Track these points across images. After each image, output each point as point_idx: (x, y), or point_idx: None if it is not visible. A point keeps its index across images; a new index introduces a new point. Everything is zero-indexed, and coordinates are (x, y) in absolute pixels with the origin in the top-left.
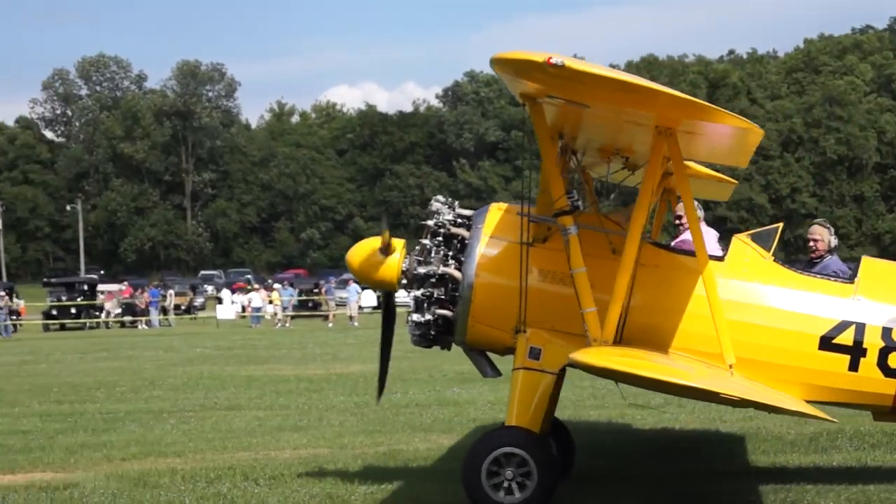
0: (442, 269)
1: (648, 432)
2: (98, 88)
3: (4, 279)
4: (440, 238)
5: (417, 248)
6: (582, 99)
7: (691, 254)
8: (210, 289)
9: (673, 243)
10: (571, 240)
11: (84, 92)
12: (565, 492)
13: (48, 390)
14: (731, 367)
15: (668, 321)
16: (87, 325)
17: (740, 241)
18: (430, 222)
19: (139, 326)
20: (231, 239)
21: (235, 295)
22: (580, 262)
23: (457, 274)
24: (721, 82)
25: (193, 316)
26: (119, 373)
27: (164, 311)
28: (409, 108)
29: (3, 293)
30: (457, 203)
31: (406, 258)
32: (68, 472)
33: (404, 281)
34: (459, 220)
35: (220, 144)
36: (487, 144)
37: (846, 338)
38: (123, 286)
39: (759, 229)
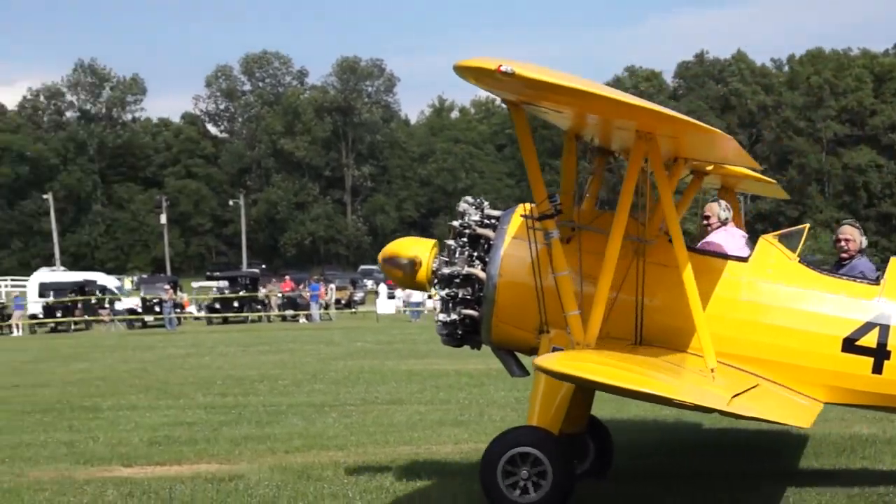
0: (467, 269)
1: (698, 431)
2: (260, 84)
3: (169, 273)
4: (465, 239)
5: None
6: (538, 103)
7: (715, 255)
8: (370, 283)
9: (699, 245)
10: (554, 243)
11: (247, 88)
12: (602, 491)
13: (212, 383)
14: (712, 370)
15: (688, 322)
16: (249, 318)
17: (766, 242)
18: (456, 223)
19: (300, 320)
20: (390, 234)
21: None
22: (563, 266)
23: (481, 274)
24: (887, 76)
25: (353, 310)
26: (281, 366)
27: (325, 305)
28: None
29: (168, 287)
30: (486, 204)
31: (435, 259)
32: (233, 463)
33: (435, 281)
34: (486, 221)
35: (379, 140)
36: None
37: (870, 340)
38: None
39: (786, 230)
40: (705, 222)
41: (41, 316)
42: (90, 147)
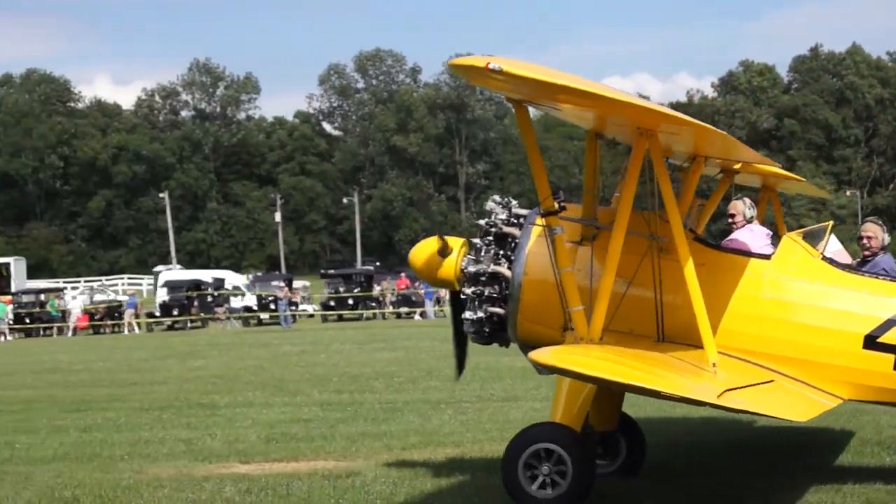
0: (492, 267)
1: (736, 429)
2: (374, 82)
3: (283, 271)
4: (491, 237)
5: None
6: (531, 99)
7: (738, 253)
8: None
9: (723, 242)
10: (557, 240)
11: (360, 85)
12: (631, 489)
13: (328, 380)
14: (714, 365)
15: (713, 319)
16: (364, 315)
17: (790, 240)
18: (482, 222)
19: (415, 317)
20: None
21: None
22: (566, 262)
23: (507, 272)
24: None
25: None
26: (396, 363)
27: (439, 301)
28: (682, 99)
29: (282, 284)
30: (514, 203)
31: (464, 257)
32: (349, 460)
33: (462, 279)
34: (513, 220)
35: (493, 136)
36: (760, 133)
37: (891, 337)
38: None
39: (810, 227)
40: (731, 220)
41: (158, 314)
42: (205, 146)
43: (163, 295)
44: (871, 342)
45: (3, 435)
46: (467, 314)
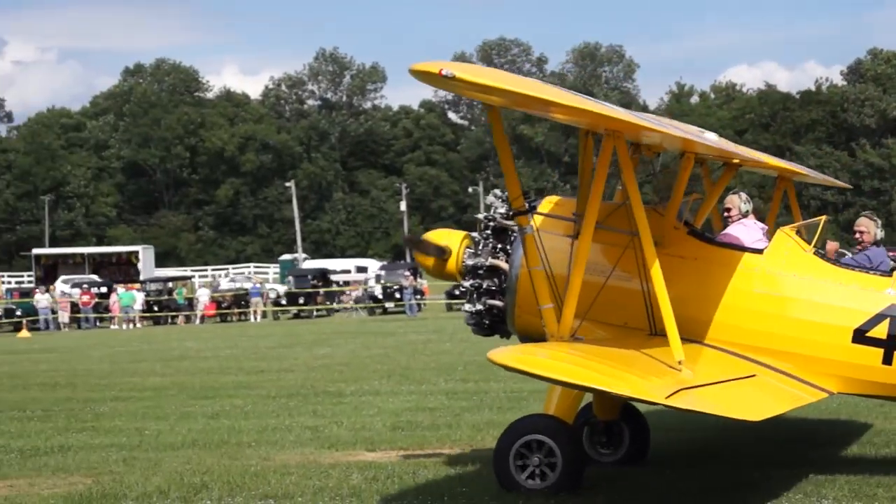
0: (490, 261)
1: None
2: None
3: (409, 260)
4: (489, 231)
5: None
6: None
7: (731, 247)
8: None
9: (717, 236)
10: (528, 239)
11: None
12: (632, 478)
13: (453, 369)
14: (680, 362)
15: (704, 313)
16: None
17: (783, 234)
18: (482, 216)
19: None
20: None
21: None
22: (537, 261)
23: (504, 266)
24: None
25: None
26: None
27: None
28: (810, 87)
29: (408, 273)
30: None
31: (465, 251)
32: (475, 449)
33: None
34: (512, 214)
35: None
36: (891, 121)
37: (880, 331)
38: None
39: (804, 222)
40: (726, 214)
41: (284, 302)
42: (332, 135)
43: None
44: (860, 336)
45: (133, 421)
46: (466, 306)
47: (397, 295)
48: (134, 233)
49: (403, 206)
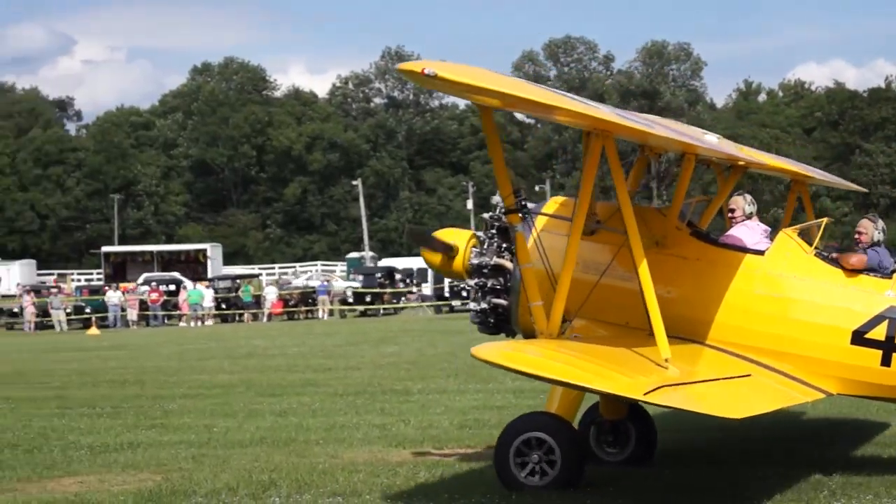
0: (495, 260)
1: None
2: (566, 70)
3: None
4: (494, 230)
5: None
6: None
7: (733, 248)
8: None
9: (720, 238)
10: (518, 237)
11: (552, 73)
12: (637, 477)
13: None
14: (666, 360)
15: (705, 313)
16: None
17: (785, 236)
18: (487, 215)
19: None
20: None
21: None
22: (527, 259)
23: (508, 264)
24: None
25: None
26: None
27: None
28: (879, 85)
29: None
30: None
31: (472, 250)
32: None
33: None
34: (526, 211)
35: (685, 123)
36: None
37: (878, 333)
38: None
39: (805, 224)
40: (730, 215)
41: (350, 300)
42: (399, 134)
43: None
44: (858, 338)
45: (202, 418)
46: (471, 305)
47: (464, 293)
48: (202, 231)
49: (470, 204)
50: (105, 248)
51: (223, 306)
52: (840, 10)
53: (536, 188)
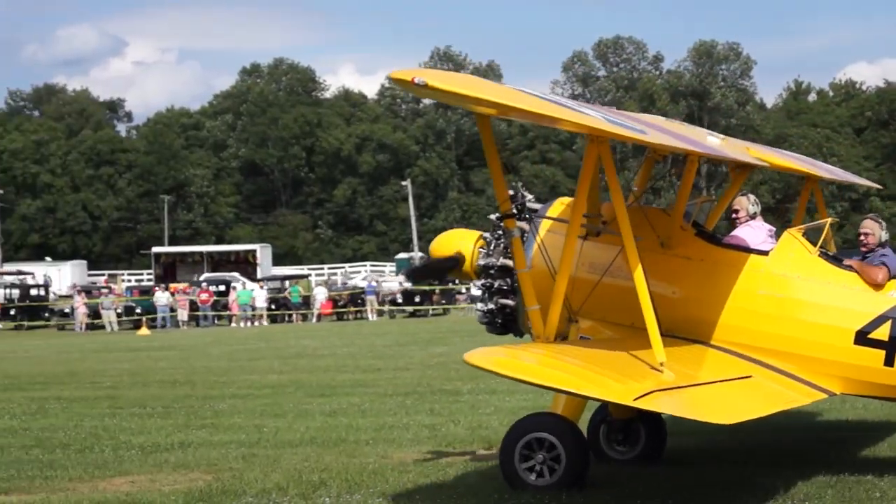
0: (501, 260)
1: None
2: (615, 70)
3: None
4: (501, 232)
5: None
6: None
7: (737, 248)
8: None
9: (725, 238)
10: (514, 242)
11: (602, 73)
12: (647, 476)
13: None
14: (661, 364)
15: (709, 314)
16: None
17: (790, 236)
18: (493, 217)
19: None
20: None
21: None
22: (523, 263)
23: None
24: None
25: None
26: None
27: None
28: None
29: None
30: (529, 197)
31: (479, 251)
32: (595, 448)
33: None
34: (525, 215)
35: (735, 123)
36: None
37: (882, 333)
38: None
39: (810, 223)
40: (734, 216)
41: (400, 300)
42: (448, 134)
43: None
44: (861, 338)
45: (252, 418)
46: (479, 305)
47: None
48: (252, 232)
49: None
50: (155, 249)
51: (272, 307)
52: (891, 8)
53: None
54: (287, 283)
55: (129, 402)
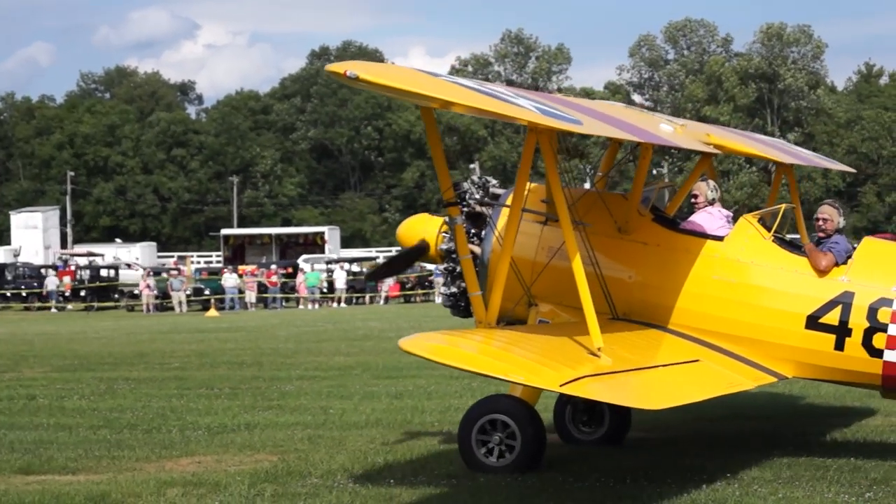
0: None
1: (735, 401)
2: (685, 53)
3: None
4: (463, 216)
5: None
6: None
7: (693, 234)
8: None
9: (682, 224)
10: (457, 229)
11: (671, 56)
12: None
13: None
14: (599, 349)
15: (665, 298)
16: None
17: (745, 222)
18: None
19: None
20: (812, 202)
21: None
22: (466, 251)
23: (477, 250)
24: None
25: None
26: None
27: None
28: None
29: None
30: (494, 182)
31: (443, 235)
32: (655, 429)
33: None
34: (487, 200)
35: (805, 106)
36: None
37: (832, 318)
38: None
39: (766, 209)
40: (693, 201)
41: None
42: None
43: None
44: (812, 322)
45: (318, 400)
46: (442, 289)
47: None
48: (320, 214)
49: (587, 187)
50: (224, 231)
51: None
52: None
53: (654, 171)
54: (356, 265)
55: (196, 383)
